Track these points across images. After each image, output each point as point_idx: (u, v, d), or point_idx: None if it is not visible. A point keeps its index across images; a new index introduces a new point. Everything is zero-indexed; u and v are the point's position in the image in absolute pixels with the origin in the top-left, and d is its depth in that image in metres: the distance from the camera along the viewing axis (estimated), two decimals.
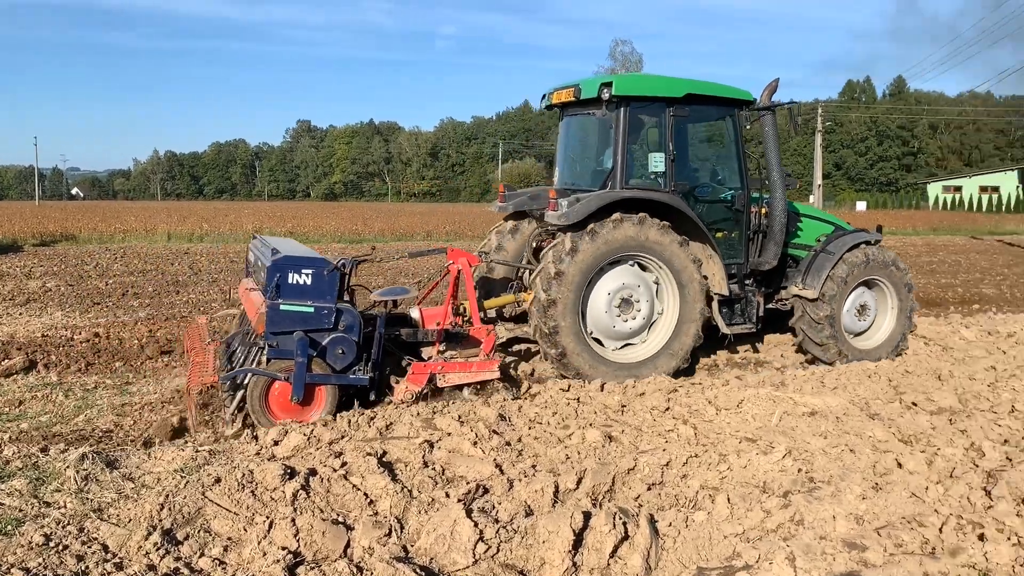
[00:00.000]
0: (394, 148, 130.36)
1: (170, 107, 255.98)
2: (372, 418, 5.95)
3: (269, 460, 4.97)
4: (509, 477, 4.86)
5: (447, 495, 4.58)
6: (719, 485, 4.92)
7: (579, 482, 4.83)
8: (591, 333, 7.83)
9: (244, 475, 4.59)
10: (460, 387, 6.92)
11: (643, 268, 7.99)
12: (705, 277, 8.04)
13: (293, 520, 4.11)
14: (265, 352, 6.35)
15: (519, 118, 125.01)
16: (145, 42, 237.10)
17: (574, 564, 3.91)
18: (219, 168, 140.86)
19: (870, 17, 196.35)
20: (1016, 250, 27.74)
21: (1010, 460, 5.36)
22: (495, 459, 5.14)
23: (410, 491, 4.65)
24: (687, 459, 5.20)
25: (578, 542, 3.99)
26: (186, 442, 5.81)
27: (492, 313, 8.66)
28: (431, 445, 5.33)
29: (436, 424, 5.78)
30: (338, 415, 6.11)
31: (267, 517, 4.20)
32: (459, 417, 5.90)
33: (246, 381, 6.22)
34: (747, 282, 8.78)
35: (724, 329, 8.45)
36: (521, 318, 8.90)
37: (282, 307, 6.34)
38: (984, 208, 68.88)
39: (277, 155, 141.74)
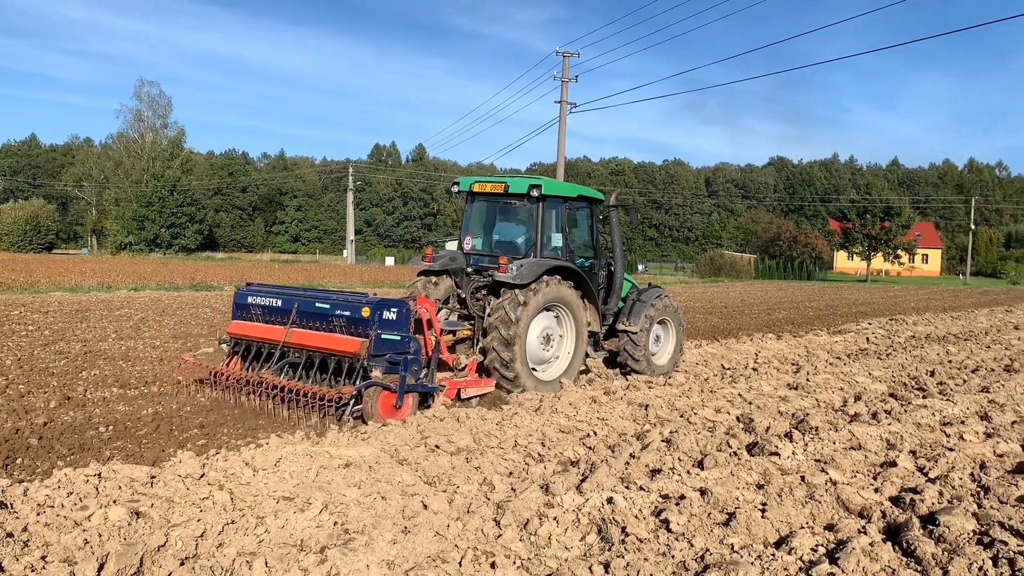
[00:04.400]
0: None
1: None
2: None
3: None
4: (11, 574, 4.22)
5: None
6: (257, 550, 4.83)
7: (100, 568, 4.38)
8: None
9: None
10: (471, 397, 9.94)
11: (554, 315, 10.84)
12: (590, 323, 11.20)
13: None
14: (380, 369, 8.55)
15: (24, 153, 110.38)
16: None
17: None
18: None
19: (397, 87, 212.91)
20: None
21: (515, 491, 6.14)
22: None
23: None
24: (223, 527, 5.03)
25: None
26: None
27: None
28: None
29: None
30: None
31: None
32: None
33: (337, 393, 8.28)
34: None
35: (592, 355, 11.93)
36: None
37: (383, 336, 8.61)
38: None
39: None
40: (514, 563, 4.73)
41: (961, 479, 6.58)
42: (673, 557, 4.88)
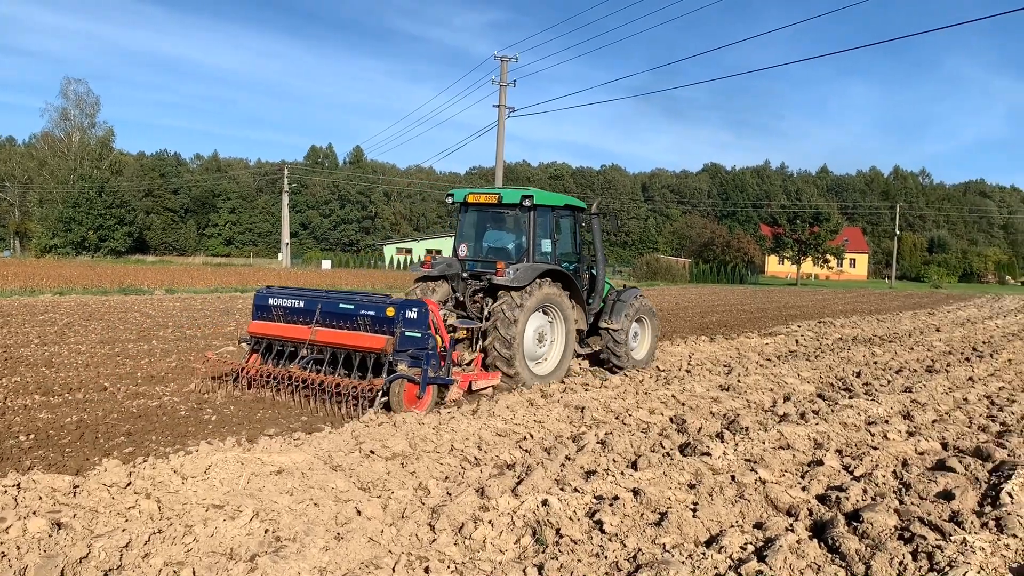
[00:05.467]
0: None
1: None
2: None
3: None
4: None
5: None
6: (185, 559, 4.72)
7: None
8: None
9: None
10: (480, 389, 10.72)
11: (545, 313, 11.71)
12: (577, 321, 12.30)
13: None
14: (405, 363, 9.31)
15: None
16: None
17: None
18: None
19: (334, 89, 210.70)
20: None
21: (450, 495, 6.12)
22: None
23: None
24: (150, 536, 4.90)
25: None
26: None
27: None
28: None
29: None
30: None
31: None
32: None
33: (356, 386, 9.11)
34: None
35: (580, 350, 13.26)
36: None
37: (406, 334, 9.34)
38: None
39: None
40: (448, 567, 4.71)
41: (884, 477, 6.79)
42: (606, 558, 4.92)
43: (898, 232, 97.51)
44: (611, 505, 5.72)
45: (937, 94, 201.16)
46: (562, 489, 6.16)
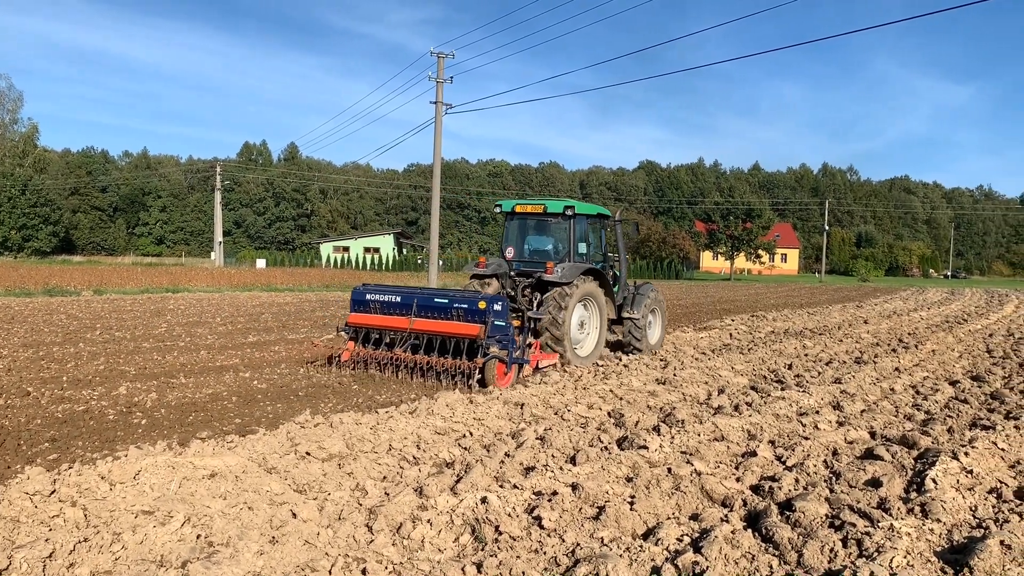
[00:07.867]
0: None
1: None
2: None
3: None
4: None
5: None
6: (112, 568, 4.58)
7: None
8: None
9: None
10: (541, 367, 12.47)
11: (580, 302, 13.35)
12: (608, 310, 14.26)
13: None
14: (495, 347, 11.16)
15: None
16: None
17: None
18: None
19: (268, 85, 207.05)
20: None
21: (388, 495, 6.06)
22: None
23: None
24: (75, 545, 4.73)
25: None
26: None
27: None
28: None
29: None
30: None
31: None
32: None
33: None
34: None
35: (608, 337, 15.07)
36: None
37: (495, 323, 11.14)
38: (368, 266, 77.30)
39: None
40: (386, 568, 4.66)
41: (815, 466, 6.95)
42: (545, 553, 4.93)
43: (827, 227, 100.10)
44: (550, 500, 5.74)
45: (863, 94, 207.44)
46: (501, 486, 6.15)
